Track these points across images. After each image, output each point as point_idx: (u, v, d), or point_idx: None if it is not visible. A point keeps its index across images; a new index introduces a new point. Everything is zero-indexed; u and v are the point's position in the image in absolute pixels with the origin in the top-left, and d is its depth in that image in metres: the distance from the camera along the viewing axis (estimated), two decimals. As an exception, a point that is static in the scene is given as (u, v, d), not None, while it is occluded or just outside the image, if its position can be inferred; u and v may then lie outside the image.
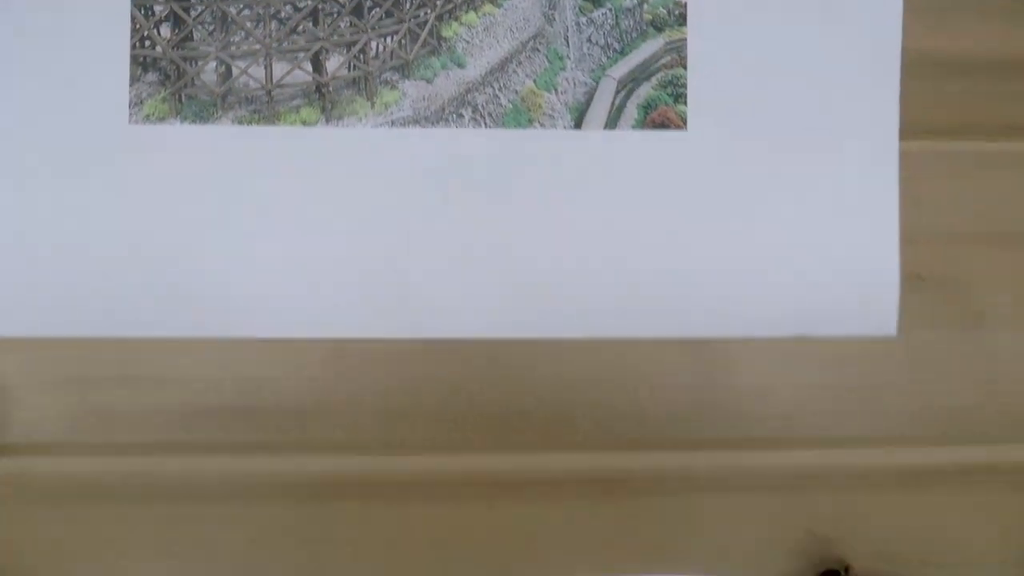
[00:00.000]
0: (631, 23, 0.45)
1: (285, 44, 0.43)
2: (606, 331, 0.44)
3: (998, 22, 0.46)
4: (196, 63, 0.43)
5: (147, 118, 0.43)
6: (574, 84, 0.44)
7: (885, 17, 0.45)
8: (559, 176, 0.43)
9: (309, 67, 0.43)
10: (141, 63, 0.43)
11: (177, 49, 0.43)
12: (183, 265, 0.42)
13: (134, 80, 0.43)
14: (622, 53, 0.45)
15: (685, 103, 0.44)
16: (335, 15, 0.43)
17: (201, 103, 0.43)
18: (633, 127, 0.44)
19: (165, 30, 0.43)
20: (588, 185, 0.44)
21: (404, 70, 0.44)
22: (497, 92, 0.44)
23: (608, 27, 0.45)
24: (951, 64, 0.46)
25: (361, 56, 0.43)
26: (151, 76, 0.43)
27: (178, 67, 0.43)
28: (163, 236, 0.42)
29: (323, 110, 0.43)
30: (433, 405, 0.44)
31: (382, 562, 0.45)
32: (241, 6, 0.43)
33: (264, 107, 0.43)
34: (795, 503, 0.46)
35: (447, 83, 0.44)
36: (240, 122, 0.43)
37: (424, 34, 0.43)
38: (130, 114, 0.43)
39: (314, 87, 0.43)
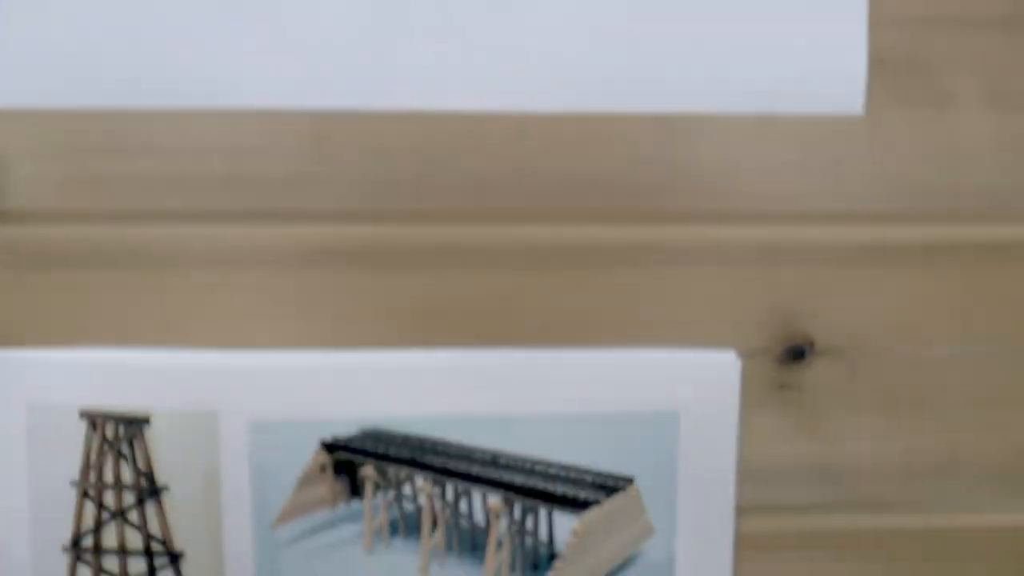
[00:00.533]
0: None
1: None
2: (579, 105, 0.45)
3: None
4: None
5: None
6: None
7: None
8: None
9: None
10: None
11: None
12: (170, 36, 0.44)
13: None
14: None
15: None
16: None
17: None
18: None
19: None
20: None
21: None
22: None
23: None
24: None
25: None
26: None
27: None
28: (150, 7, 0.44)
29: None
30: (413, 176, 0.46)
31: (365, 329, 0.47)
32: None
33: None
34: (762, 278, 0.48)
35: None
36: None
37: None
38: None
39: None
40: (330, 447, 0.45)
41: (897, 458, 0.49)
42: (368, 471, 0.46)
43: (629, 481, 0.47)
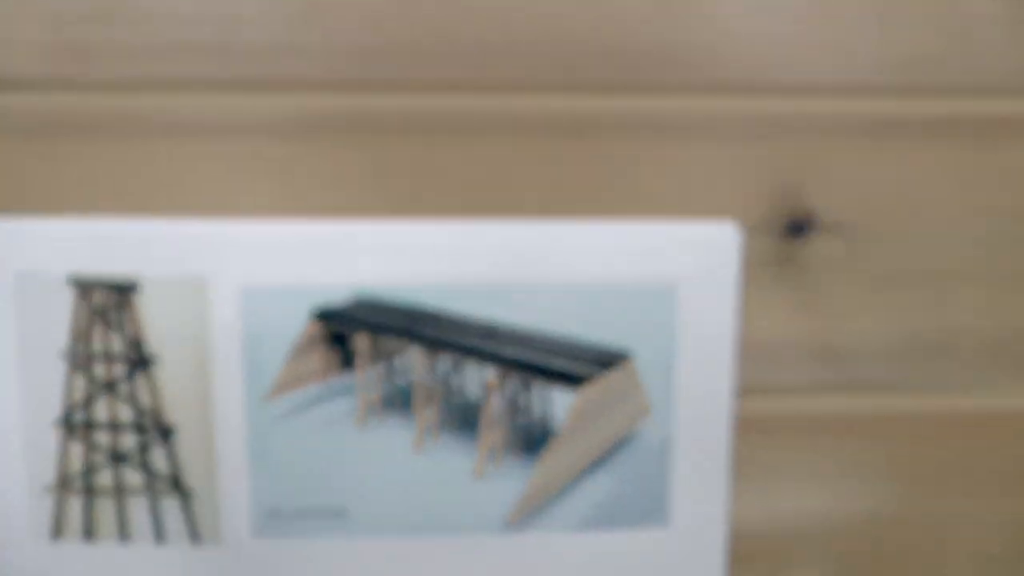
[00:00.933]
0: None
1: None
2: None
3: None
4: None
5: None
6: None
7: None
8: None
9: None
10: None
11: None
12: None
13: None
14: None
15: None
16: None
17: None
18: None
19: None
20: None
21: None
22: None
23: None
24: None
25: None
26: None
27: None
28: None
29: None
30: (405, 44, 0.45)
31: (357, 198, 0.46)
32: None
33: None
34: (763, 151, 0.47)
35: None
36: None
37: None
38: None
39: None
40: (322, 316, 0.44)
41: (896, 337, 0.49)
42: (361, 342, 0.45)
43: (625, 356, 0.46)
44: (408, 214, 0.45)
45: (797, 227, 0.48)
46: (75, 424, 0.46)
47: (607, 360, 0.46)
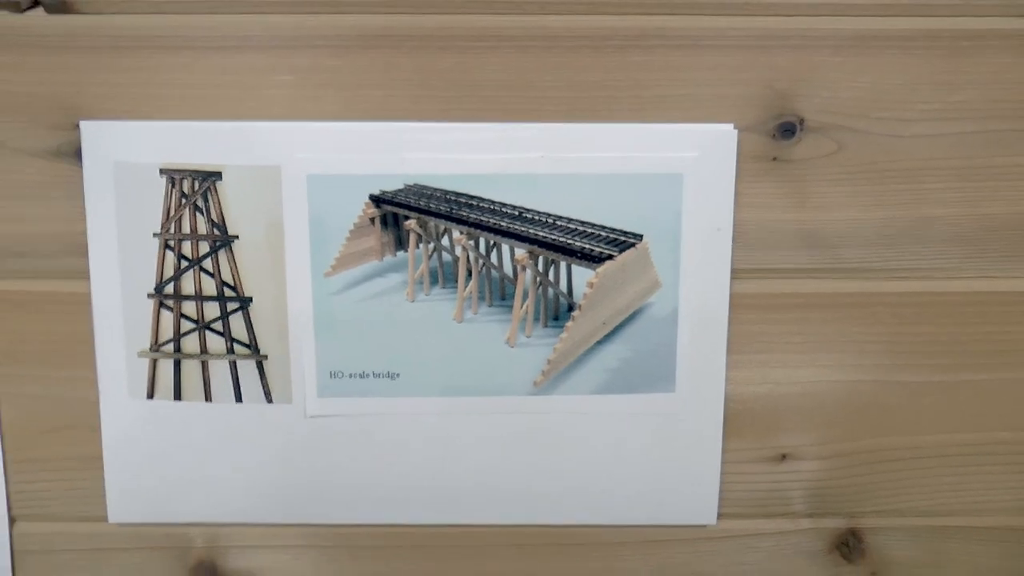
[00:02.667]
0: None
1: None
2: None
3: None
4: None
5: None
6: None
7: None
8: None
9: None
10: None
11: None
12: None
13: None
14: None
15: None
16: None
17: None
18: None
19: None
20: None
21: None
22: None
23: None
24: None
25: None
26: None
27: None
28: None
29: None
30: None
31: (407, 102, 0.53)
32: None
33: None
34: (759, 62, 0.54)
35: None
36: None
37: None
38: None
39: None
40: (378, 200, 0.52)
41: (876, 226, 0.56)
42: (411, 224, 0.53)
43: (639, 237, 0.53)
44: (451, 116, 0.53)
45: (788, 128, 0.55)
46: (166, 295, 0.54)
47: (623, 241, 0.53)
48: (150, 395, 0.55)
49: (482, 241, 0.53)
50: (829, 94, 0.54)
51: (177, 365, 0.55)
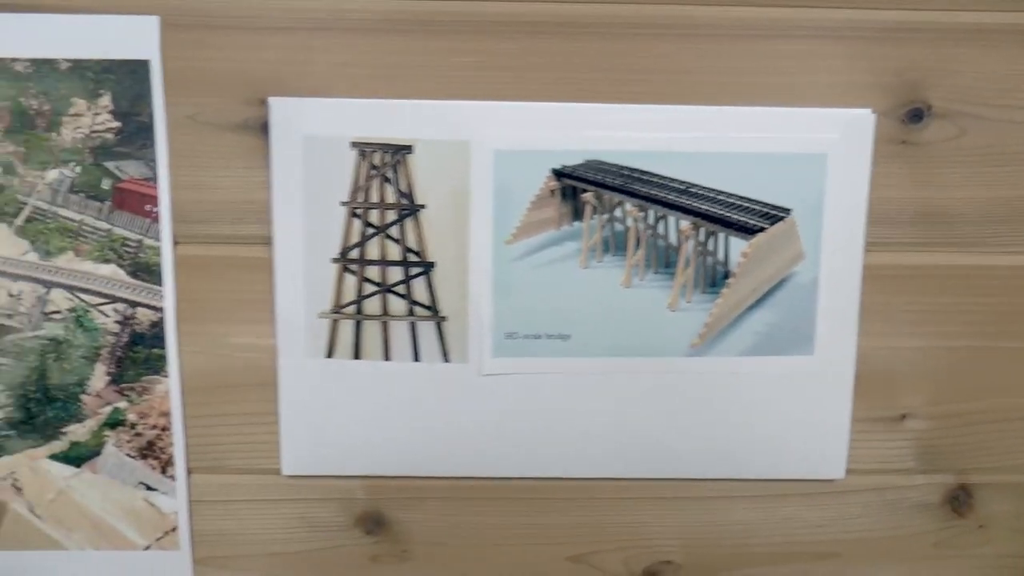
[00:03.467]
0: None
1: None
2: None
3: None
4: None
5: None
6: None
7: None
8: None
9: None
10: None
11: None
12: None
13: None
14: None
15: None
16: None
17: None
18: None
19: None
20: None
21: None
22: None
23: None
24: None
25: None
26: None
27: None
28: None
29: None
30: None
31: (584, 88, 0.57)
32: None
33: None
34: (893, 53, 0.59)
35: None
36: None
37: None
38: None
39: None
40: (559, 174, 0.56)
41: (992, 205, 0.61)
42: (588, 196, 0.57)
43: (787, 211, 0.58)
44: (622, 98, 0.57)
45: (916, 114, 0.60)
46: (350, 260, 0.57)
47: (773, 215, 0.58)
48: (329, 354, 0.58)
49: (651, 213, 0.58)
50: (954, 83, 0.59)
51: (358, 326, 0.58)
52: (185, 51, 0.56)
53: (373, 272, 0.57)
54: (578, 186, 0.57)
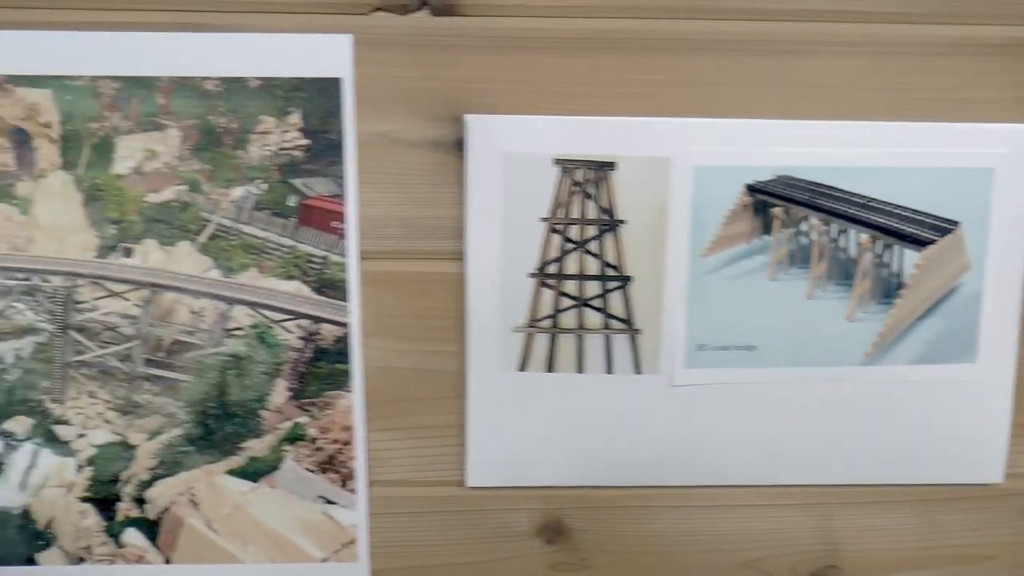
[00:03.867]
0: None
1: None
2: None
3: None
4: None
5: None
6: None
7: None
8: None
9: None
10: None
11: None
12: None
13: None
14: None
15: None
16: None
17: None
18: None
19: None
20: None
21: None
22: None
23: None
24: None
25: None
26: None
27: None
28: None
29: None
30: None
31: (772, 104, 0.58)
32: None
33: None
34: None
35: None
36: None
37: None
38: None
39: None
40: (751, 189, 0.58)
41: None
42: (777, 211, 0.58)
43: (956, 224, 0.60)
44: (810, 114, 0.58)
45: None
46: (548, 275, 0.58)
47: (942, 227, 0.60)
48: (522, 367, 0.59)
49: (833, 226, 0.59)
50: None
51: (553, 339, 0.59)
52: (377, 69, 0.56)
53: (570, 286, 0.58)
54: (768, 201, 0.58)
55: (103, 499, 0.63)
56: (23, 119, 0.58)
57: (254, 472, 0.62)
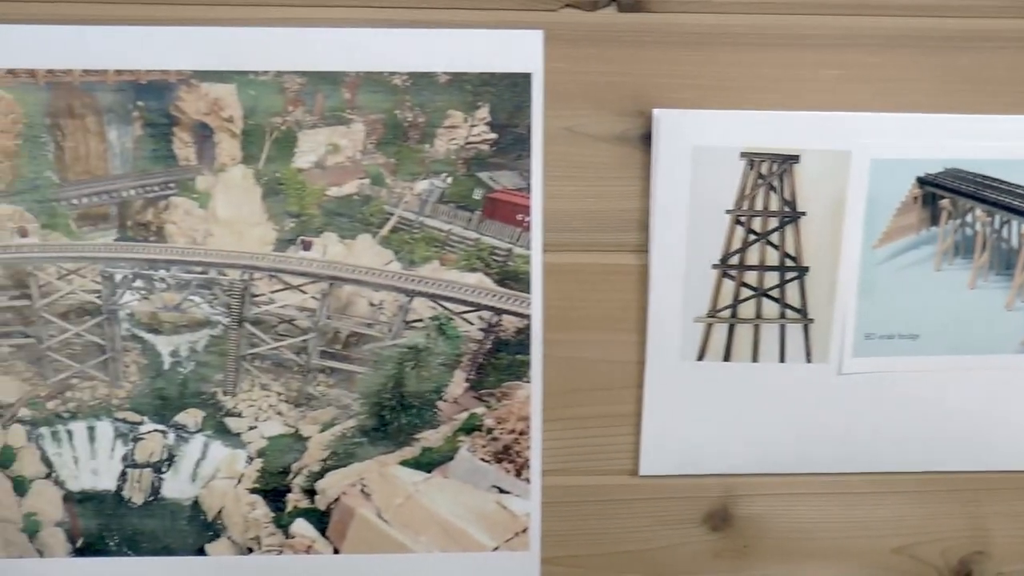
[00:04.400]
0: None
1: None
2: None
3: None
4: None
5: None
6: None
7: None
8: None
9: None
10: None
11: None
12: None
13: None
14: None
15: None
16: None
17: None
18: None
19: None
20: None
21: None
22: None
23: None
24: None
25: None
26: None
27: None
28: None
29: None
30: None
31: (939, 97, 0.60)
32: None
33: None
34: None
35: None
36: None
37: None
38: None
39: None
40: (922, 181, 0.60)
41: None
42: (945, 202, 0.61)
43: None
44: (980, 109, 0.61)
45: None
46: (730, 266, 0.60)
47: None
48: (700, 357, 0.60)
49: (997, 218, 0.62)
50: None
51: (731, 329, 0.60)
52: (566, 65, 0.57)
53: (750, 277, 0.59)
54: (937, 193, 0.60)
55: (272, 490, 0.63)
56: (206, 114, 0.58)
57: (428, 463, 0.62)
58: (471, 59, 0.57)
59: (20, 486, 0.63)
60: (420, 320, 0.60)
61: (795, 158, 0.58)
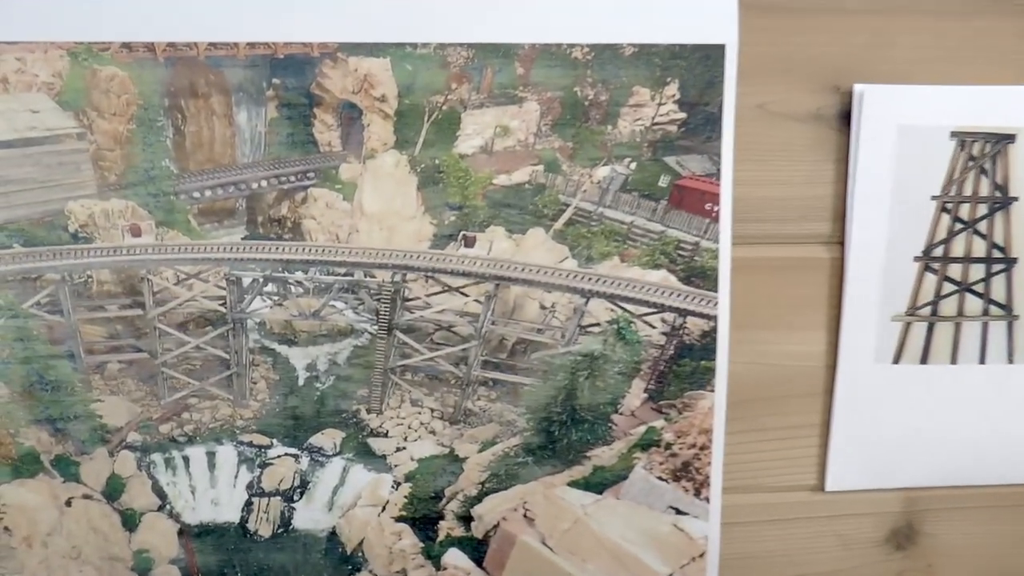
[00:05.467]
0: None
1: None
2: None
3: None
4: None
5: None
6: None
7: None
8: None
9: None
10: None
11: None
12: None
13: None
14: None
15: None
16: None
17: None
18: None
19: None
20: None
21: None
22: None
23: None
24: None
25: None
26: None
27: None
28: None
29: None
30: None
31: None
32: None
33: None
34: None
35: None
36: None
37: None
38: None
39: None
40: None
41: None
42: None
43: None
44: None
45: None
46: (933, 258, 0.55)
47: None
48: (896, 359, 0.55)
49: None
50: None
51: (930, 328, 0.56)
52: (761, 36, 0.52)
53: (954, 270, 0.55)
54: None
55: (422, 518, 0.56)
56: (354, 92, 0.51)
57: (599, 483, 0.56)
58: (660, 29, 0.51)
59: (130, 520, 0.54)
60: (597, 324, 0.54)
61: (1010, 138, 0.53)
